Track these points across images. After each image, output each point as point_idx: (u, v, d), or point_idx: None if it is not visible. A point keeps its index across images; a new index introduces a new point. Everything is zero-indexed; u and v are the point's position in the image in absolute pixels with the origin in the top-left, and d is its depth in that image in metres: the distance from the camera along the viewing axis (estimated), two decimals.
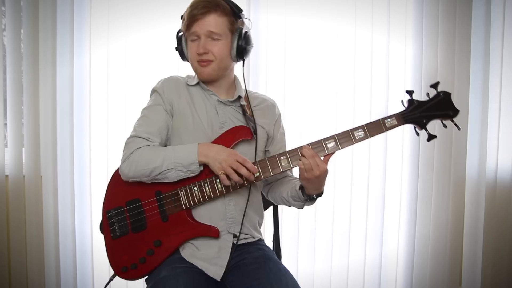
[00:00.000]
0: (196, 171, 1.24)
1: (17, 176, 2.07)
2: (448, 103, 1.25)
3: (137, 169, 1.23)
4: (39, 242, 2.09)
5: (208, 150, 1.23)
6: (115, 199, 1.31)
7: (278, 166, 1.26)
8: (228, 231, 1.30)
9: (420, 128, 1.28)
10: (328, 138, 1.26)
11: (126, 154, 1.26)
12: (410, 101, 1.27)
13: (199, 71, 1.32)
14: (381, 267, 2.27)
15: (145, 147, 1.26)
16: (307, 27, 2.17)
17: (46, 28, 2.03)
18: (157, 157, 1.22)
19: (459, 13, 2.18)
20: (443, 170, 2.22)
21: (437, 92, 1.26)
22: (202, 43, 1.27)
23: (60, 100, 2.06)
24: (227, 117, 1.35)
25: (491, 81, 2.21)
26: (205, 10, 1.25)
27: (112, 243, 1.30)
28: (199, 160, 1.22)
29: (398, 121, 1.26)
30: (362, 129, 1.25)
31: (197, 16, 1.25)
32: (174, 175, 1.23)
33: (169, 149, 1.26)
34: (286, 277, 1.21)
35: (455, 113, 1.26)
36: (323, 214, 2.22)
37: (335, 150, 1.25)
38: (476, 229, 2.24)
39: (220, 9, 1.26)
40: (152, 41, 2.08)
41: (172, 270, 1.20)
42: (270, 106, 1.46)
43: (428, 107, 1.26)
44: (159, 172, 1.22)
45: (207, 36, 1.27)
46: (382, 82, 2.20)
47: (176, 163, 1.22)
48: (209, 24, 1.26)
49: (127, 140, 1.30)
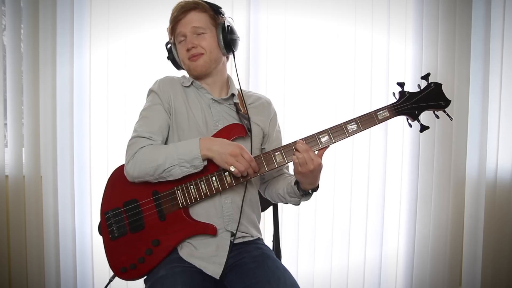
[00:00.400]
0: (200, 166, 1.23)
1: (17, 176, 2.07)
2: (439, 93, 1.26)
3: (142, 169, 1.23)
4: (39, 242, 2.09)
5: (211, 144, 1.23)
6: (112, 200, 1.32)
7: (273, 162, 1.26)
8: (226, 228, 1.31)
9: (413, 119, 1.27)
10: (321, 132, 1.26)
11: (130, 155, 1.26)
12: (401, 93, 1.27)
13: (192, 66, 1.36)
14: (381, 267, 2.27)
15: (148, 146, 1.26)
16: (307, 27, 2.17)
17: (46, 28, 2.03)
18: (159, 155, 1.23)
19: (459, 13, 2.18)
20: (443, 170, 2.22)
21: (428, 83, 1.27)
22: (189, 39, 1.33)
23: (60, 100, 2.06)
24: (221, 115, 1.36)
25: (491, 81, 2.21)
26: (185, 9, 1.33)
27: (110, 244, 1.30)
28: (202, 154, 1.22)
29: (390, 113, 1.26)
30: (354, 122, 1.25)
31: (179, 17, 1.33)
32: (179, 171, 1.23)
33: (171, 146, 1.26)
34: (284, 276, 1.21)
35: (446, 104, 1.26)
36: (323, 213, 2.22)
37: (329, 144, 1.25)
38: (476, 229, 2.24)
39: (199, 7, 1.34)
40: (152, 41, 2.08)
41: (170, 270, 1.21)
42: (265, 103, 1.47)
43: (419, 98, 1.26)
44: (163, 170, 1.22)
45: (193, 33, 1.33)
46: (382, 82, 2.20)
47: (179, 159, 1.22)
48: (191, 20, 1.33)
49: (129, 142, 1.29)
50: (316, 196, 2.13)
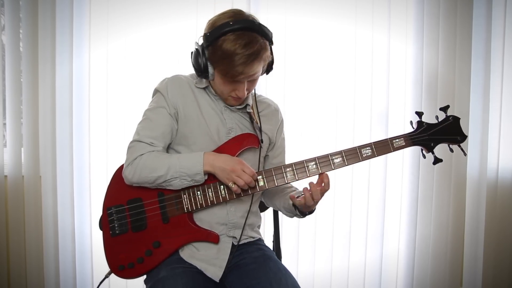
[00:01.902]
0: (200, 181, 1.23)
1: (16, 176, 2.06)
2: (456, 127, 1.27)
3: (141, 176, 1.23)
4: (38, 242, 2.08)
5: (214, 160, 1.21)
6: (116, 196, 1.30)
7: (283, 177, 1.26)
8: (228, 235, 1.31)
9: (427, 151, 1.29)
10: (335, 153, 1.26)
11: (129, 160, 1.25)
12: (419, 123, 1.28)
13: (231, 102, 1.30)
14: (382, 267, 2.27)
15: (148, 153, 1.24)
16: (307, 27, 2.16)
17: (45, 27, 2.02)
18: (162, 166, 1.21)
19: (460, 12, 2.17)
20: (444, 170, 2.21)
21: (446, 115, 1.27)
22: (243, 87, 1.22)
23: (60, 100, 2.04)
24: (234, 123, 1.33)
25: (492, 81, 2.20)
26: (251, 59, 1.14)
27: (110, 240, 1.29)
28: (204, 170, 1.21)
29: (406, 142, 1.27)
30: (369, 147, 1.26)
31: (242, 66, 1.14)
32: (179, 183, 1.23)
33: (174, 158, 1.23)
34: (286, 277, 1.21)
35: (462, 139, 1.27)
36: (324, 214, 2.21)
37: (342, 166, 1.26)
38: (477, 230, 2.24)
39: (263, 55, 1.18)
40: (153, 40, 2.07)
41: (171, 271, 1.20)
42: (274, 111, 1.44)
43: (436, 130, 1.27)
44: (163, 181, 1.22)
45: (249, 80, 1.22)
46: (383, 81, 2.20)
47: (181, 172, 1.21)
48: (254, 71, 1.17)
49: (130, 144, 1.28)
50: None
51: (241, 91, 1.22)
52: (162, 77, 1.35)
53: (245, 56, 1.12)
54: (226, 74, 1.17)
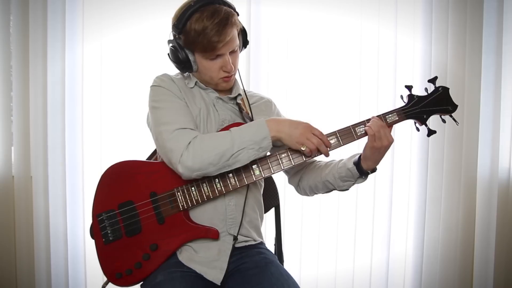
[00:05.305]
0: (268, 148, 1.19)
1: (6, 176, 2.06)
2: (447, 98, 1.29)
3: (204, 158, 1.15)
4: (29, 245, 2.07)
5: (279, 125, 1.20)
6: (106, 202, 1.27)
7: (279, 164, 1.25)
8: (228, 232, 1.28)
9: (421, 123, 1.30)
10: (329, 134, 1.25)
11: (181, 148, 1.16)
12: (410, 96, 1.30)
13: (222, 85, 1.33)
14: (388, 271, 2.25)
15: (201, 135, 1.20)
16: (310, 20, 2.16)
17: (36, 20, 2.01)
18: (224, 140, 1.17)
19: (470, 4, 2.16)
20: (453, 170, 2.19)
21: (435, 86, 1.30)
22: (230, 61, 1.26)
23: (51, 97, 2.04)
24: (227, 114, 1.34)
25: (503, 77, 2.18)
26: (222, 25, 1.20)
27: (104, 249, 1.26)
28: (271, 136, 1.18)
29: (399, 116, 1.28)
30: (363, 125, 1.26)
31: (216, 38, 1.20)
32: (246, 156, 1.17)
33: (232, 131, 1.20)
34: (288, 282, 1.20)
35: (454, 108, 1.29)
36: (328, 215, 2.20)
37: (337, 147, 1.26)
38: (488, 232, 2.21)
39: (232, 20, 1.23)
40: (147, 34, 2.07)
41: (168, 275, 1.19)
42: (267, 103, 1.47)
43: (427, 102, 1.29)
44: (230, 155, 1.16)
45: (229, 52, 1.26)
46: (389, 78, 2.19)
47: (248, 141, 1.17)
48: (229, 36, 1.22)
49: (169, 136, 1.19)
50: (320, 196, 2.11)
51: (228, 64, 1.26)
52: (158, 72, 1.34)
53: (215, 24, 1.19)
54: (205, 50, 1.22)
